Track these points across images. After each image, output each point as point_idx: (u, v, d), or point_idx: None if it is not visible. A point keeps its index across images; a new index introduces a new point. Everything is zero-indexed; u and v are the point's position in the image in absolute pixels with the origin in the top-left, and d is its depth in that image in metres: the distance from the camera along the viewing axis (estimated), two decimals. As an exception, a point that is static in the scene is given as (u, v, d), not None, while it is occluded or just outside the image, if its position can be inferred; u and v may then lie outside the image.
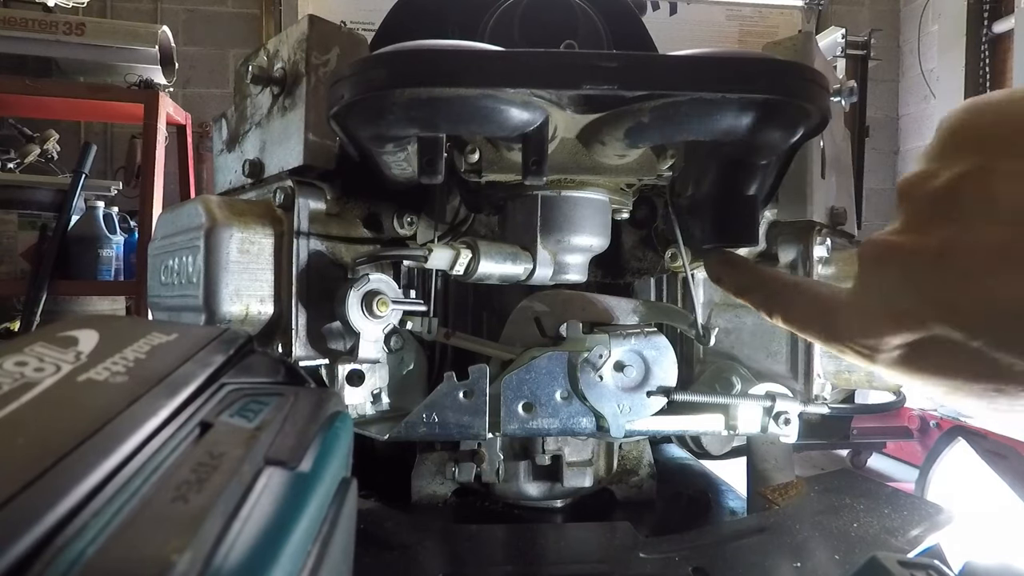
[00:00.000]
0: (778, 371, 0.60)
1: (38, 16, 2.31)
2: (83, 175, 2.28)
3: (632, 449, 0.67)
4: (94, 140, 3.25)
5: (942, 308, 0.31)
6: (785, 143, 0.42)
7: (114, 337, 0.26)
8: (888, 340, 0.34)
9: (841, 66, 3.89)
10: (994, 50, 4.41)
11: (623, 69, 0.37)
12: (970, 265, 0.30)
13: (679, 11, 5.00)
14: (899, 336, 0.33)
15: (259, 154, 0.59)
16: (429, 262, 0.50)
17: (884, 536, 0.55)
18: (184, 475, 0.20)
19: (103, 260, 2.32)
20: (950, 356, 0.32)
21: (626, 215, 0.59)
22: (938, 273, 0.31)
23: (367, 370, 0.52)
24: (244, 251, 0.49)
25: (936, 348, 0.32)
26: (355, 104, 0.40)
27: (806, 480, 0.64)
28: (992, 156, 0.30)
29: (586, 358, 0.52)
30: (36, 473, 0.18)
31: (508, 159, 0.50)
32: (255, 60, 0.58)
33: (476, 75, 0.37)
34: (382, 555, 0.51)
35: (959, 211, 0.31)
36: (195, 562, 0.17)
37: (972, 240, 0.30)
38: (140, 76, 2.40)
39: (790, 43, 0.56)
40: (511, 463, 0.63)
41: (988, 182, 0.30)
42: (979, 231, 0.30)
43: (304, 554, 0.21)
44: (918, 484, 2.55)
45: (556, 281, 0.55)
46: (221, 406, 0.25)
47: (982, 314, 0.30)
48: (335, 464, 0.25)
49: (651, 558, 0.51)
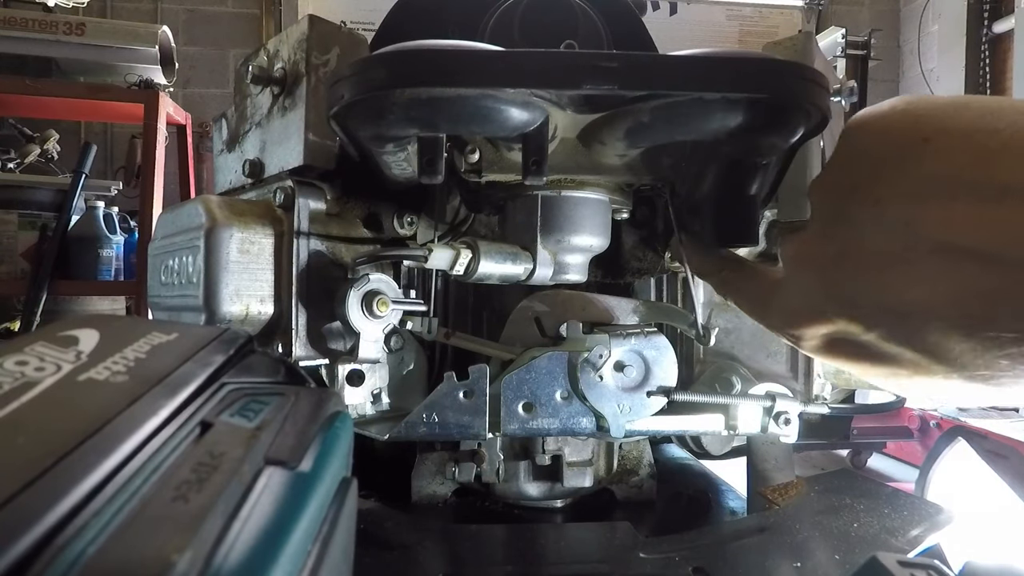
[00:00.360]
0: (778, 371, 0.60)
1: (38, 16, 2.31)
2: (83, 175, 2.28)
3: (632, 449, 0.67)
4: (94, 140, 3.25)
5: (843, 305, 0.34)
6: (785, 143, 0.42)
7: (114, 337, 0.26)
8: (806, 331, 0.37)
9: (841, 66, 3.89)
10: (994, 50, 4.41)
11: (623, 69, 0.37)
12: (862, 267, 0.33)
13: (679, 11, 5.01)
14: (814, 328, 0.37)
15: (259, 154, 0.59)
16: (429, 262, 0.50)
17: (884, 536, 0.55)
18: (184, 475, 0.20)
19: (103, 260, 2.32)
20: (854, 346, 0.35)
21: (626, 215, 0.59)
22: (838, 273, 0.34)
23: (367, 370, 0.52)
24: (244, 251, 0.49)
25: (844, 339, 0.36)
26: (355, 104, 0.40)
27: (806, 480, 0.64)
28: (878, 165, 0.33)
29: (586, 358, 0.52)
30: (36, 473, 0.18)
31: (508, 159, 0.50)
32: (255, 60, 0.58)
33: (476, 75, 0.37)
34: (382, 555, 0.51)
35: (853, 216, 0.34)
36: (195, 562, 0.17)
37: (863, 244, 0.33)
38: (140, 76, 2.40)
39: (790, 43, 0.56)
40: (511, 463, 0.63)
41: (874, 190, 0.33)
42: (869, 236, 0.33)
43: (304, 554, 0.21)
44: (918, 484, 2.55)
45: (556, 281, 0.55)
46: (221, 406, 0.25)
47: (873, 311, 0.33)
48: (335, 464, 0.25)
49: (651, 558, 0.51)
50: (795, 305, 0.38)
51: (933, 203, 0.30)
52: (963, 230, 0.29)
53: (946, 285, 0.30)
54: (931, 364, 0.32)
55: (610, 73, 0.36)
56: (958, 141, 0.30)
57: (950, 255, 0.29)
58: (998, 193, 0.28)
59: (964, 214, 0.29)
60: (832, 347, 0.37)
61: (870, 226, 0.33)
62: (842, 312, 0.34)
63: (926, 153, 0.31)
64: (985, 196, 0.29)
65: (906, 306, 0.31)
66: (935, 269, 0.30)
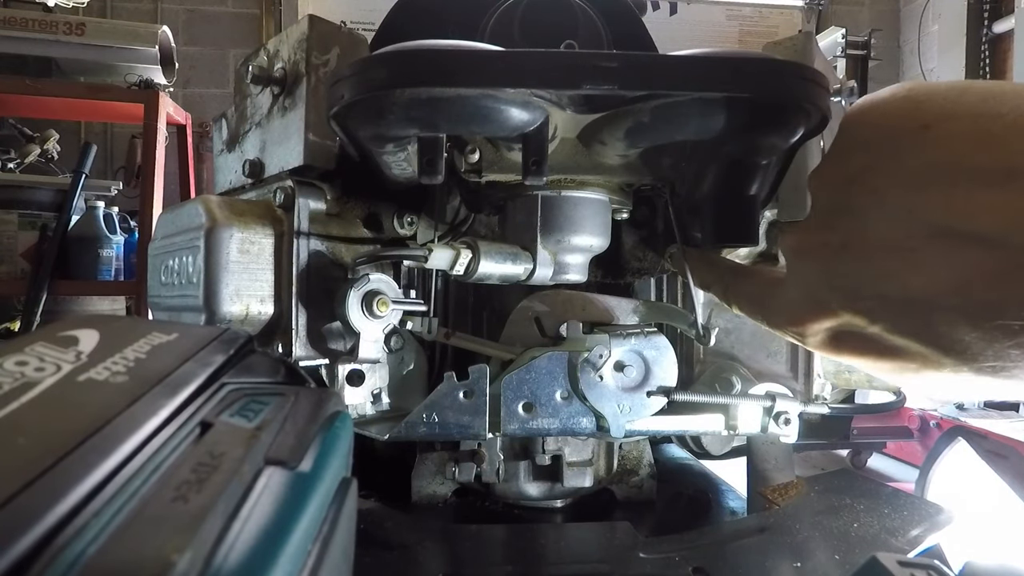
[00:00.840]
0: (778, 371, 0.60)
1: (38, 16, 2.31)
2: (83, 175, 2.28)
3: (632, 449, 0.67)
4: (94, 140, 3.25)
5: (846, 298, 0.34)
6: (785, 143, 0.42)
7: (114, 337, 0.26)
8: (810, 326, 0.36)
9: (841, 66, 3.89)
10: (994, 50, 4.42)
11: (623, 69, 0.37)
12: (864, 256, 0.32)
13: (679, 11, 5.01)
14: (818, 323, 0.36)
15: (259, 154, 0.59)
16: (429, 262, 0.50)
17: (884, 536, 0.55)
18: (184, 475, 0.20)
19: (103, 260, 2.32)
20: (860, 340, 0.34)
21: (626, 215, 0.59)
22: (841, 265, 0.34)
23: (367, 370, 0.52)
24: (244, 251, 0.49)
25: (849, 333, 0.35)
26: (355, 104, 0.40)
27: (806, 480, 0.64)
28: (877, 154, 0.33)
29: (586, 358, 0.52)
30: (36, 473, 0.18)
31: (508, 159, 0.50)
32: (255, 60, 0.58)
33: (476, 75, 0.37)
34: (382, 555, 0.51)
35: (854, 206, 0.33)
36: (195, 562, 0.17)
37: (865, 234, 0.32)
38: (140, 76, 2.40)
39: (790, 43, 0.56)
40: (511, 463, 0.63)
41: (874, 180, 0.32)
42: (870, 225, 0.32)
43: (304, 554, 0.21)
44: (918, 484, 2.55)
45: (556, 281, 0.55)
46: (221, 406, 0.25)
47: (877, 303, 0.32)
48: (335, 464, 0.25)
49: (651, 558, 0.51)
50: (798, 299, 0.37)
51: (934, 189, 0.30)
52: (966, 215, 0.29)
53: (949, 271, 0.29)
54: (939, 356, 0.31)
55: (610, 73, 0.36)
56: (960, 126, 0.30)
57: (952, 241, 0.29)
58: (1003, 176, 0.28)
59: (967, 199, 0.29)
60: (837, 341, 0.36)
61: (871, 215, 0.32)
62: (846, 304, 0.34)
63: (926, 139, 0.31)
64: (989, 180, 0.28)
65: (909, 294, 0.31)
66: (937, 256, 0.29)
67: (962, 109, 0.30)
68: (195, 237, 0.49)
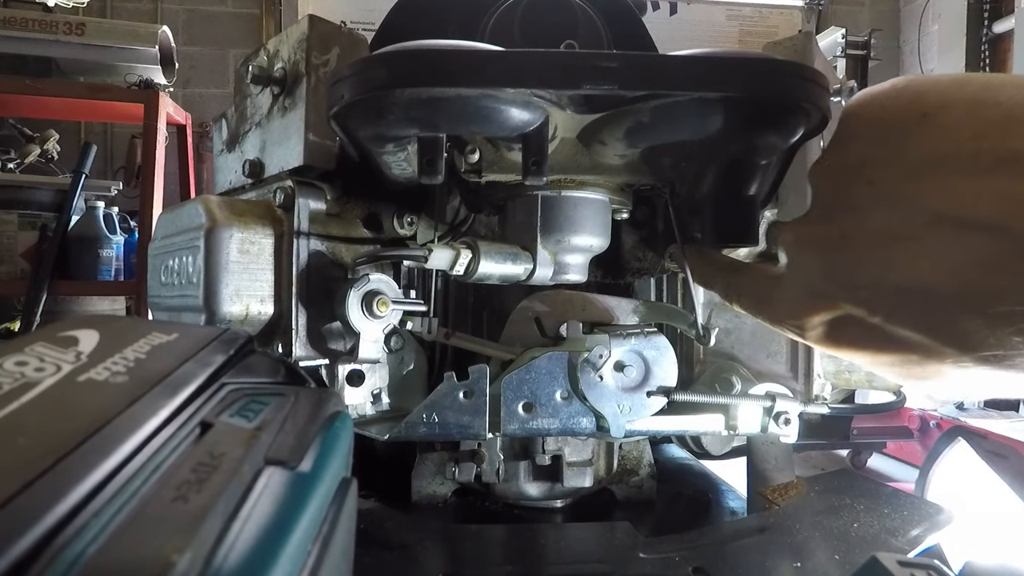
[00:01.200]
0: (778, 371, 0.60)
1: (38, 16, 2.31)
2: (83, 175, 2.28)
3: (632, 449, 0.67)
4: (94, 140, 3.25)
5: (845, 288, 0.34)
6: (785, 143, 0.42)
7: (114, 337, 0.26)
8: (810, 319, 0.36)
9: (841, 66, 3.89)
10: (994, 50, 4.42)
11: (623, 69, 0.37)
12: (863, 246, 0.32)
13: (679, 11, 5.01)
14: (818, 315, 0.36)
15: (259, 154, 0.59)
16: (429, 262, 0.50)
17: (884, 536, 0.55)
18: (184, 475, 0.20)
19: (103, 260, 2.32)
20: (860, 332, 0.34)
21: (626, 215, 0.59)
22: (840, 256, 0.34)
23: (367, 370, 0.52)
24: (244, 251, 0.49)
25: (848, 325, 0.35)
26: (355, 104, 0.40)
27: (806, 480, 0.64)
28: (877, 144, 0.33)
29: (586, 358, 0.52)
30: (36, 473, 0.18)
31: (508, 159, 0.50)
32: (255, 60, 0.58)
33: (476, 75, 0.37)
34: (382, 555, 0.51)
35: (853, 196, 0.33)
36: (195, 562, 0.17)
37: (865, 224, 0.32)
38: (140, 76, 2.40)
39: (790, 43, 0.56)
40: (511, 463, 0.63)
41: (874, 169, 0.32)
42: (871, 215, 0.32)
43: (304, 554, 0.21)
44: (918, 484, 2.55)
45: (556, 281, 0.55)
46: (221, 406, 0.25)
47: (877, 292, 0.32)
48: (335, 464, 0.25)
49: (651, 558, 0.51)
50: (798, 292, 0.37)
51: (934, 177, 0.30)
52: (966, 203, 0.29)
53: (949, 260, 0.29)
54: (941, 346, 0.31)
55: (610, 73, 0.36)
56: (959, 114, 0.30)
57: (952, 229, 0.29)
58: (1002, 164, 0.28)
59: (966, 186, 0.29)
60: (837, 334, 0.35)
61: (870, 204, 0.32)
62: (845, 294, 0.34)
63: (925, 128, 0.31)
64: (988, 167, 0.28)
65: (910, 284, 0.31)
66: (937, 244, 0.29)
67: (961, 99, 0.30)
68: (195, 237, 0.49)
